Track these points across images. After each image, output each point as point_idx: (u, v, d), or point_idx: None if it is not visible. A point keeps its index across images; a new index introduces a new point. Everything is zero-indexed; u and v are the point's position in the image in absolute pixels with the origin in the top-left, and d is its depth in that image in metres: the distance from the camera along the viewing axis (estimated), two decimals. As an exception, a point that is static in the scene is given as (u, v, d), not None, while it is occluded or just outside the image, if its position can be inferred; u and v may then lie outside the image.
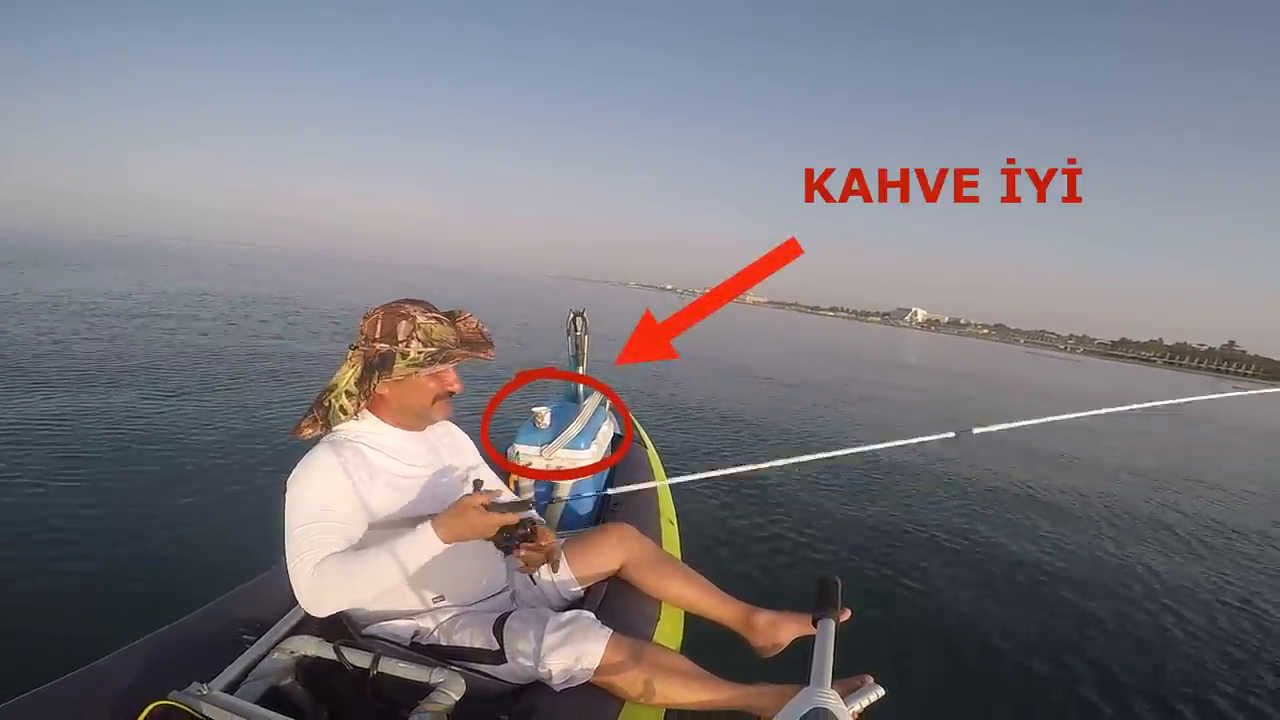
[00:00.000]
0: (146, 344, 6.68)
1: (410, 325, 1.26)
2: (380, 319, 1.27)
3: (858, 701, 0.86)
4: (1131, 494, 5.48)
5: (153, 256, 28.26)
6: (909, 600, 2.79)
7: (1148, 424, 10.97)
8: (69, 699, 1.04)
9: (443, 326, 1.30)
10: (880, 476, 4.70)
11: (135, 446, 3.57)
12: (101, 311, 8.72)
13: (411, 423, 1.36)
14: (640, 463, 2.60)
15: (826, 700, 0.68)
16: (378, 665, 1.12)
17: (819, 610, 0.91)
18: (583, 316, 2.70)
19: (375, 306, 1.30)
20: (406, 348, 1.25)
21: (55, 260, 20.07)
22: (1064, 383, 23.50)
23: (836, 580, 0.95)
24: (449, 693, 1.07)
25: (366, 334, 1.28)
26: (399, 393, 1.30)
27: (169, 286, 14.37)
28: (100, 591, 2.19)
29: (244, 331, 8.57)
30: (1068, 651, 2.50)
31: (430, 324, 1.28)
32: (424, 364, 1.26)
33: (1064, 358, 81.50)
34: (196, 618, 1.29)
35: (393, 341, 1.26)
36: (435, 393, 1.32)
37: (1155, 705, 2.26)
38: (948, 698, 2.16)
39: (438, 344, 1.28)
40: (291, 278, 25.10)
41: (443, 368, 1.31)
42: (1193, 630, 2.83)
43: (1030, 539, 3.81)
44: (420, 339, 1.26)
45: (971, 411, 8.52)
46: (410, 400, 1.32)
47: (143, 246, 47.26)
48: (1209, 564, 3.85)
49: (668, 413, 6.37)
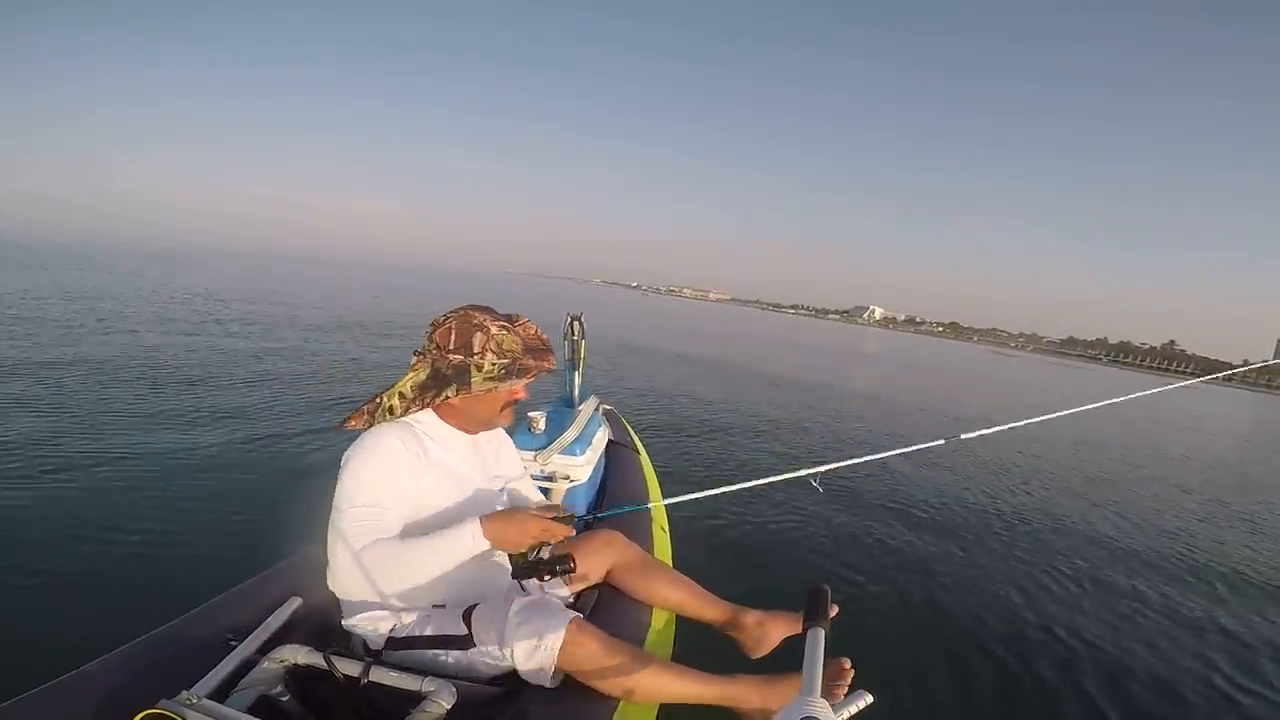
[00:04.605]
0: (119, 346, 6.38)
1: (485, 337, 1.27)
2: (454, 330, 1.28)
3: (846, 710, 0.85)
4: (1113, 491, 5.68)
5: (102, 257, 26.96)
6: (894, 604, 2.81)
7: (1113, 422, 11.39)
8: (57, 705, 1.01)
9: (511, 336, 1.31)
10: (871, 476, 4.75)
11: (123, 445, 3.47)
12: (56, 315, 8.26)
13: (472, 427, 1.39)
14: (633, 468, 2.59)
15: (816, 709, 0.66)
16: (368, 674, 1.11)
17: (809, 619, 0.89)
18: (580, 320, 2.66)
19: (446, 315, 1.32)
20: (481, 359, 1.27)
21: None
22: (1044, 382, 24.32)
23: (826, 589, 0.95)
24: (440, 701, 1.07)
25: (439, 343, 1.29)
26: (470, 403, 1.32)
27: (144, 286, 13.79)
28: (88, 595, 2.14)
29: (220, 333, 8.25)
30: (1059, 656, 2.54)
31: (502, 334, 1.29)
32: (500, 378, 1.28)
33: (1025, 356, 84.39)
34: (186, 621, 1.26)
35: (468, 353, 1.27)
36: (504, 401, 1.35)
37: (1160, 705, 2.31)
38: (937, 706, 2.17)
39: (509, 355, 1.29)
40: (257, 278, 24.24)
41: (519, 383, 1.33)
42: (1195, 631, 2.91)
43: (1023, 539, 3.91)
44: (494, 350, 1.27)
45: (976, 417, 8.53)
46: (479, 410, 1.34)
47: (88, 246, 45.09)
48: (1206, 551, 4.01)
49: (658, 419, 6.34)
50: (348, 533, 1.17)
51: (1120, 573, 3.53)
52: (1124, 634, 2.78)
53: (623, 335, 16.28)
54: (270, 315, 10.97)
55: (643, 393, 7.59)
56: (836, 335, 45.49)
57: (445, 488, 1.31)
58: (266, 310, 11.74)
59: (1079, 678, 2.39)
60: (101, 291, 11.44)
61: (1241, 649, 2.78)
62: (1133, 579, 3.46)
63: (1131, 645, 2.69)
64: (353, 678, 1.12)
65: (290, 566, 1.48)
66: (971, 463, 5.86)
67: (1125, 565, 3.68)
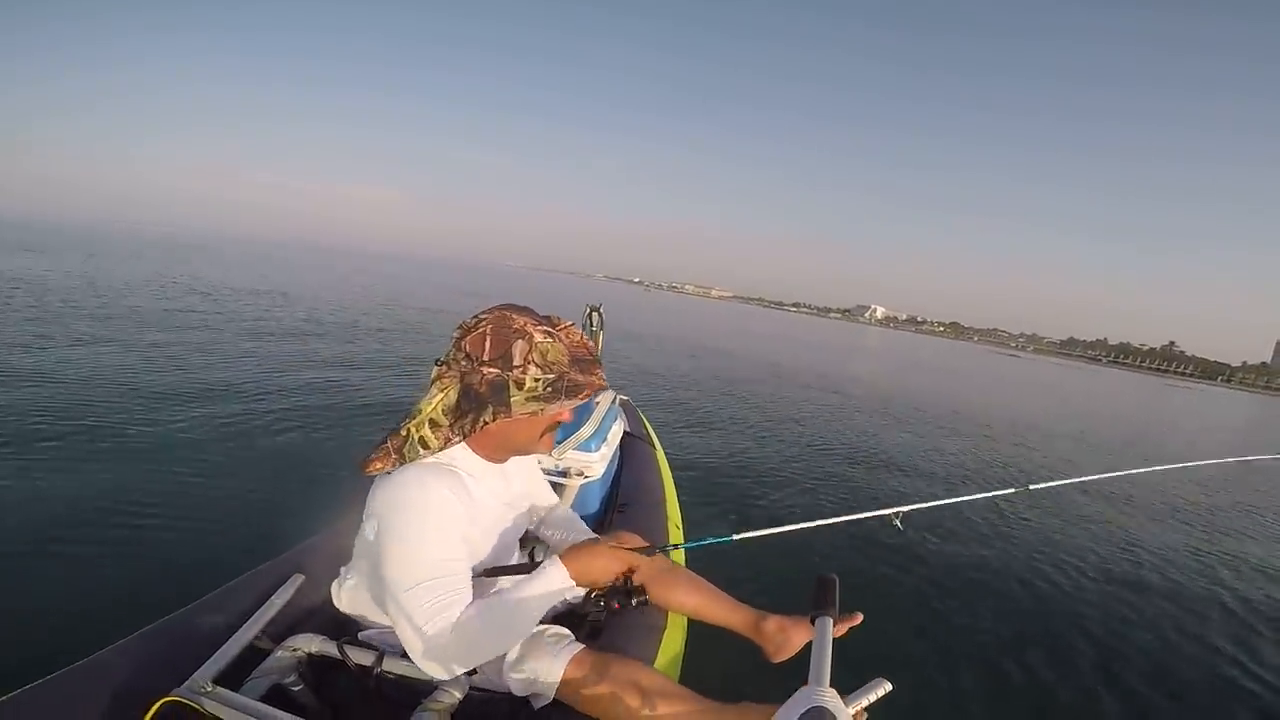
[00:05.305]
0: (138, 334, 6.35)
1: (527, 345, 1.06)
2: (490, 335, 1.06)
3: (863, 698, 0.84)
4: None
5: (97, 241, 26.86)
6: (917, 597, 2.78)
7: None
8: (72, 692, 1.01)
9: (556, 344, 1.09)
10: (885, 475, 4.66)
11: (139, 434, 3.46)
12: (71, 301, 8.22)
13: (501, 456, 1.20)
14: (648, 462, 2.55)
15: (825, 699, 0.66)
16: (381, 664, 1.12)
17: (816, 608, 0.91)
18: (599, 312, 2.62)
19: (479, 316, 1.10)
20: (523, 374, 1.05)
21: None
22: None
23: (834, 578, 0.96)
24: (452, 691, 1.07)
25: (470, 353, 1.07)
26: (509, 428, 1.10)
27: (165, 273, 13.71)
28: (102, 581, 2.13)
29: (245, 318, 8.28)
30: (1085, 658, 2.51)
31: (546, 343, 1.08)
32: (547, 398, 1.07)
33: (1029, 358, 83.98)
34: (199, 608, 1.26)
35: (507, 366, 1.05)
36: (546, 426, 1.14)
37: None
38: (960, 697, 2.14)
39: (555, 369, 1.08)
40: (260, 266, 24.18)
41: (569, 404, 1.10)
42: (1224, 640, 2.84)
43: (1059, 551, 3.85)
44: (537, 363, 1.06)
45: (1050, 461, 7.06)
46: (517, 436, 1.13)
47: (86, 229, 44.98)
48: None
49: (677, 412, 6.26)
50: (418, 616, 0.99)
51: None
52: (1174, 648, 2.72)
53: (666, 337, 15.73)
54: (273, 301, 10.94)
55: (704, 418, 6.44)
56: (851, 335, 45.07)
57: (488, 529, 1.19)
58: (271, 297, 11.69)
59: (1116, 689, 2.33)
60: (133, 281, 11.39)
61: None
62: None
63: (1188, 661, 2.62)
64: (365, 667, 1.12)
65: (300, 552, 1.47)
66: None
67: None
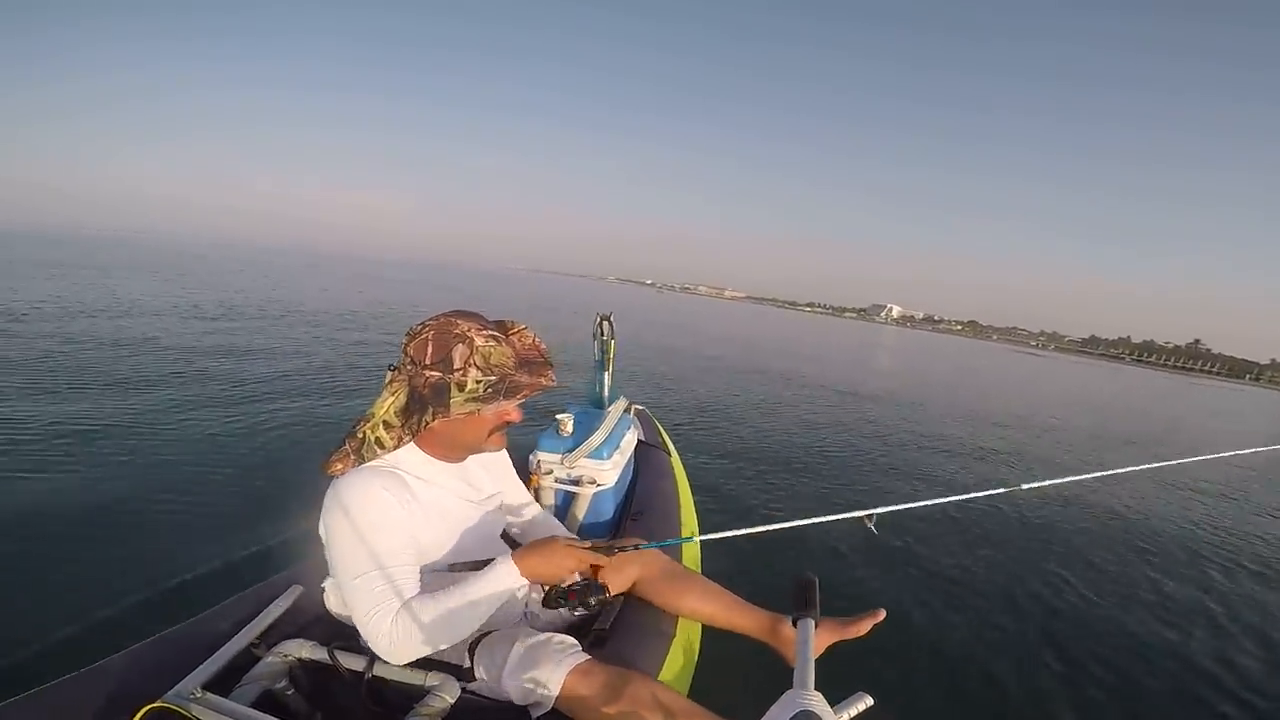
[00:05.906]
0: (132, 345, 6.41)
1: (467, 349, 1.10)
2: (431, 340, 1.11)
3: (845, 712, 0.85)
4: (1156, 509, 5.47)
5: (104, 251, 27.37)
6: (899, 600, 2.74)
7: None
8: (64, 701, 1.03)
9: (501, 347, 1.14)
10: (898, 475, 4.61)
11: (133, 446, 3.47)
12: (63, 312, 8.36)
13: (456, 456, 1.24)
14: (664, 470, 2.53)
15: (811, 703, 0.65)
16: (372, 669, 1.11)
17: (797, 610, 0.89)
18: (609, 320, 2.62)
19: (424, 323, 1.14)
20: (463, 377, 1.09)
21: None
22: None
23: (814, 579, 0.94)
24: (444, 696, 1.07)
25: (414, 357, 1.12)
26: (452, 428, 1.16)
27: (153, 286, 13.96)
28: (97, 595, 2.12)
29: (242, 331, 8.28)
30: (1072, 671, 2.44)
31: (488, 346, 1.12)
32: (485, 398, 1.11)
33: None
34: (197, 620, 1.28)
35: (447, 369, 1.09)
36: (492, 425, 1.18)
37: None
38: (940, 712, 2.09)
39: (497, 371, 1.12)
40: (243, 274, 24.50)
41: (507, 404, 1.15)
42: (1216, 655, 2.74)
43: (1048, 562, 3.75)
44: (478, 365, 1.10)
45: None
46: (463, 435, 1.18)
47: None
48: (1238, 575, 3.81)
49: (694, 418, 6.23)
50: (360, 608, 1.05)
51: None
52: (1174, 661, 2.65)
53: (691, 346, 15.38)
54: (271, 307, 11.04)
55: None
56: (866, 335, 44.55)
57: (441, 529, 1.19)
58: (266, 303, 11.80)
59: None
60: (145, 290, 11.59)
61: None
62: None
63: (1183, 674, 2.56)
64: (356, 672, 1.12)
65: (303, 564, 1.48)
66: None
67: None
